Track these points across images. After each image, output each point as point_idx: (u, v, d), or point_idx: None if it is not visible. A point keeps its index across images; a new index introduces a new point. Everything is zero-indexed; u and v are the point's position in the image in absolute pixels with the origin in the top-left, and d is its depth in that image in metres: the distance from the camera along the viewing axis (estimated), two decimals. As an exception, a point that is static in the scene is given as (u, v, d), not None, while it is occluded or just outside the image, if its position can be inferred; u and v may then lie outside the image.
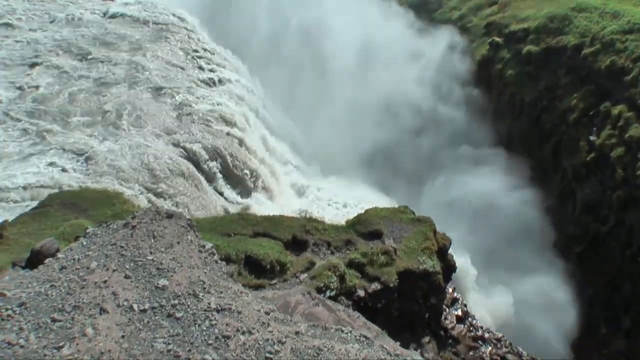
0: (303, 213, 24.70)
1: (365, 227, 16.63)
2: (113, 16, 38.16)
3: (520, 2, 38.87)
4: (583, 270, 29.69)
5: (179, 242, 7.96)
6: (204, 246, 8.17)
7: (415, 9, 45.17)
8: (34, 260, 9.00)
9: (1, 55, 30.86)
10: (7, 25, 35.04)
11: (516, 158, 34.78)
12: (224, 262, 8.80)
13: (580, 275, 29.56)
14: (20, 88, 27.33)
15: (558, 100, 33.11)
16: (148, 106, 26.62)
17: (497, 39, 37.92)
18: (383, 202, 29.76)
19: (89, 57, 31.27)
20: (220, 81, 31.64)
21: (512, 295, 27.94)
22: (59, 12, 38.24)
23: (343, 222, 17.33)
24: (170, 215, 8.35)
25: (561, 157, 32.42)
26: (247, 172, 26.55)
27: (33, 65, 29.89)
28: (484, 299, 27.00)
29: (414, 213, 18.01)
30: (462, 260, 24.36)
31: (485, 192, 32.49)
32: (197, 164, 24.64)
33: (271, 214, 17.00)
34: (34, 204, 18.08)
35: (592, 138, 30.24)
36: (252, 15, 46.36)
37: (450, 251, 18.97)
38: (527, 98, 35.00)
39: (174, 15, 39.16)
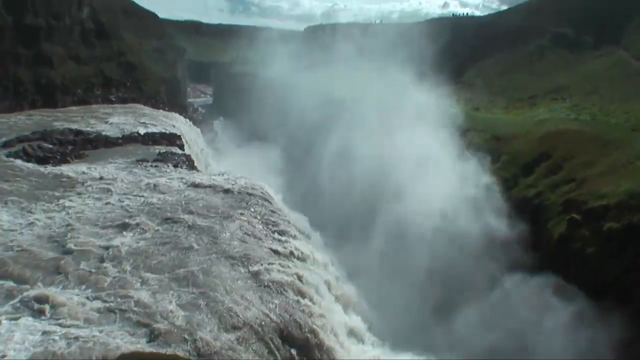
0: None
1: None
2: (197, 185, 40.70)
3: (599, 178, 38.51)
4: None
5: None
6: None
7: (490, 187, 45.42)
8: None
9: (92, 216, 33.26)
10: (106, 190, 38.65)
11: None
12: None
13: None
14: (108, 248, 28.67)
15: (643, 277, 31.42)
16: (222, 274, 27.07)
17: (575, 216, 37.22)
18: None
19: (173, 222, 32.91)
20: (292, 252, 32.07)
21: None
22: (150, 179, 41.29)
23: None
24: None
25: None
26: (319, 345, 25.76)
27: (122, 226, 31.80)
28: None
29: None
30: None
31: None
32: (262, 338, 24.05)
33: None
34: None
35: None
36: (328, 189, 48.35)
37: None
38: (610, 276, 33.43)
39: (252, 186, 41.38)
